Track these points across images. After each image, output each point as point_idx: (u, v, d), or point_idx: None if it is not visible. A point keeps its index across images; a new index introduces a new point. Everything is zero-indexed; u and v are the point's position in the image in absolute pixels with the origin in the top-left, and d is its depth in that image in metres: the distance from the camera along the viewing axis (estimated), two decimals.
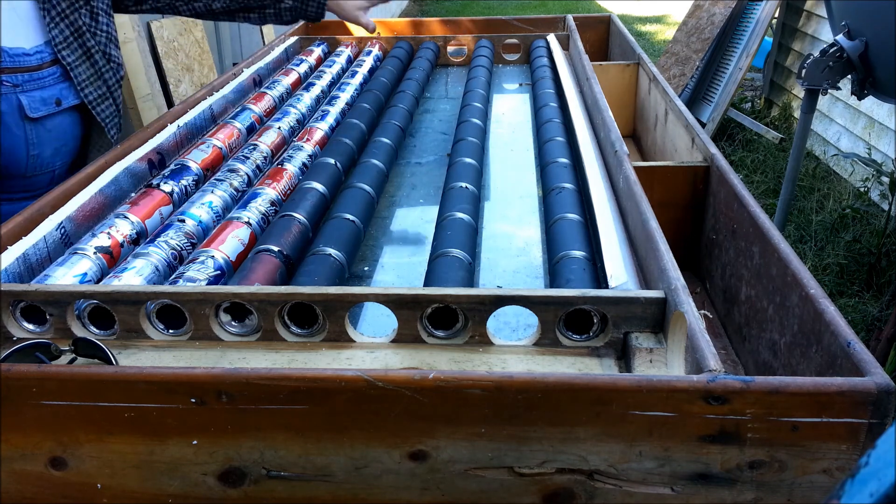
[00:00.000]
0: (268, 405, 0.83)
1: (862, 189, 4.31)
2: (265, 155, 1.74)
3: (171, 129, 1.73)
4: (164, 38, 4.24)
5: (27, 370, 0.86)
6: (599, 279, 1.19)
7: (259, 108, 2.02)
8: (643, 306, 1.02)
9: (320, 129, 1.91)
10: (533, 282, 1.31)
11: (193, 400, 0.83)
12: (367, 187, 1.54)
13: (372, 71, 2.55)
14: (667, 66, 5.92)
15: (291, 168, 1.63)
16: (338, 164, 1.66)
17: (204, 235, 1.36)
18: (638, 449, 0.82)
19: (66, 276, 1.17)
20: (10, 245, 1.21)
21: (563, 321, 1.04)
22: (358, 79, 2.39)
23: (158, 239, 1.29)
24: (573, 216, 1.38)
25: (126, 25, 3.73)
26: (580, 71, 2.34)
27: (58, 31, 1.75)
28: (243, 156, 1.69)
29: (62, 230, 1.30)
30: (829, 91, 3.38)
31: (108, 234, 1.30)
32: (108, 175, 1.46)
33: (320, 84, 2.32)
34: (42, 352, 1.01)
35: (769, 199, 4.52)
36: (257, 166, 1.68)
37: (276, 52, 2.60)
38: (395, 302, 1.04)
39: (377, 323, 1.15)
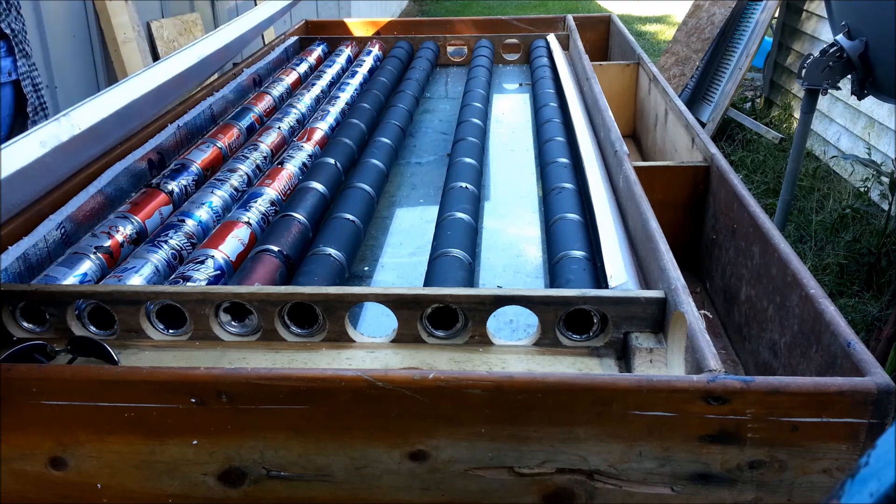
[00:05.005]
0: (268, 405, 0.83)
1: (862, 189, 4.31)
2: (265, 155, 1.74)
3: (170, 129, 1.73)
4: (164, 38, 4.23)
5: (27, 370, 0.86)
6: (599, 279, 1.19)
7: (259, 108, 2.02)
8: (643, 306, 1.02)
9: (320, 129, 1.91)
10: (533, 282, 1.31)
11: (193, 400, 0.83)
12: (367, 187, 1.54)
13: (372, 71, 2.55)
14: (667, 66, 5.92)
15: (291, 168, 1.63)
16: (338, 164, 1.66)
17: (204, 235, 1.36)
18: (638, 449, 0.82)
19: (66, 276, 1.17)
20: (10, 245, 1.21)
21: (563, 321, 1.04)
22: (358, 79, 2.39)
23: (159, 239, 1.29)
24: (573, 216, 1.38)
25: (126, 25, 3.73)
26: (580, 71, 2.34)
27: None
28: (243, 156, 1.69)
29: (62, 230, 1.30)
30: (829, 91, 3.37)
31: (109, 234, 1.30)
32: (108, 175, 1.46)
33: (320, 84, 2.32)
34: (38, 352, 1.01)
35: (769, 199, 4.52)
36: (257, 166, 1.68)
37: (276, 52, 2.60)
38: (395, 302, 1.04)
39: (377, 323, 1.15)
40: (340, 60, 2.62)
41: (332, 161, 1.65)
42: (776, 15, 5.89)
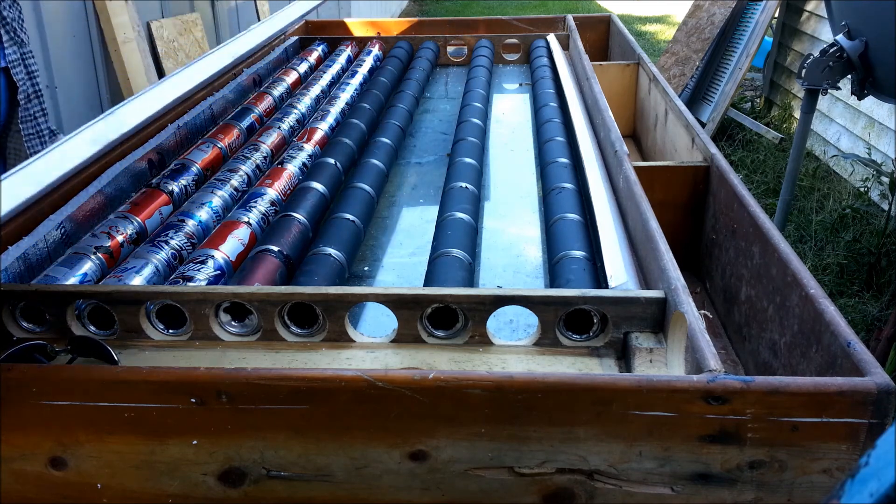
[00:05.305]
0: (268, 405, 0.83)
1: (862, 189, 4.31)
2: (265, 155, 1.74)
3: (170, 129, 1.73)
4: (164, 38, 4.23)
5: (27, 370, 0.86)
6: (599, 279, 1.19)
7: (259, 108, 2.02)
8: (643, 306, 1.02)
9: (320, 129, 1.91)
10: (533, 282, 1.31)
11: (193, 400, 0.83)
12: (367, 187, 1.54)
13: (372, 71, 2.55)
14: (667, 66, 5.92)
15: (291, 168, 1.63)
16: (338, 164, 1.66)
17: (204, 235, 1.36)
18: (638, 449, 0.82)
19: (66, 276, 1.17)
20: (10, 245, 1.21)
21: (563, 321, 1.04)
22: (358, 79, 2.39)
23: (159, 239, 1.29)
24: (573, 216, 1.38)
25: (126, 25, 3.73)
26: (580, 71, 2.34)
27: None
28: (244, 156, 1.69)
29: (62, 230, 1.30)
30: (829, 91, 3.37)
31: (109, 234, 1.30)
32: (108, 175, 1.46)
33: (320, 84, 2.32)
34: (38, 352, 1.01)
35: (769, 199, 4.51)
36: (257, 166, 1.68)
37: (276, 52, 2.60)
38: (395, 302, 1.04)
39: (377, 323, 1.15)
40: (340, 60, 2.62)
41: (332, 161, 1.65)
42: (776, 15, 5.89)
